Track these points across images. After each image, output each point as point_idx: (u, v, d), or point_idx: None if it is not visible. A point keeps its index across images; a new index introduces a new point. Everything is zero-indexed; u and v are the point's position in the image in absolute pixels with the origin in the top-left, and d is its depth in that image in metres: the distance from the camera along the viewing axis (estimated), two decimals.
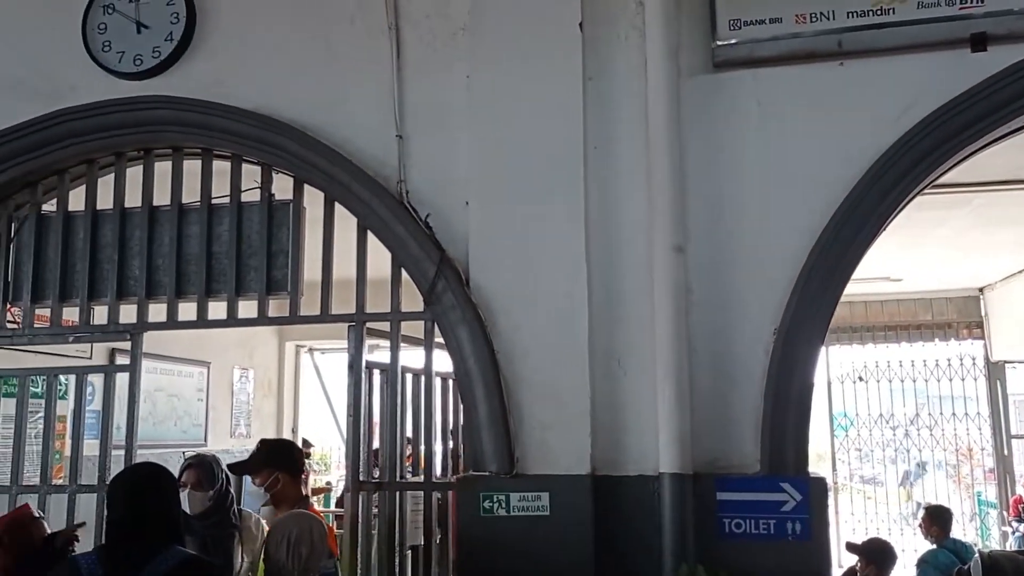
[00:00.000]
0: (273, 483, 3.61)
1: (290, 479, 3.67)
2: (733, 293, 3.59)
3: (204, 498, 3.71)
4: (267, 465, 3.68)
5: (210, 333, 8.50)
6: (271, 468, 3.66)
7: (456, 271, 3.74)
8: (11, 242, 4.36)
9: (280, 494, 3.59)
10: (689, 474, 3.41)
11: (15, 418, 4.31)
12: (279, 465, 3.67)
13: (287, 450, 3.81)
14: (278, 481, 3.62)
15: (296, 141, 3.95)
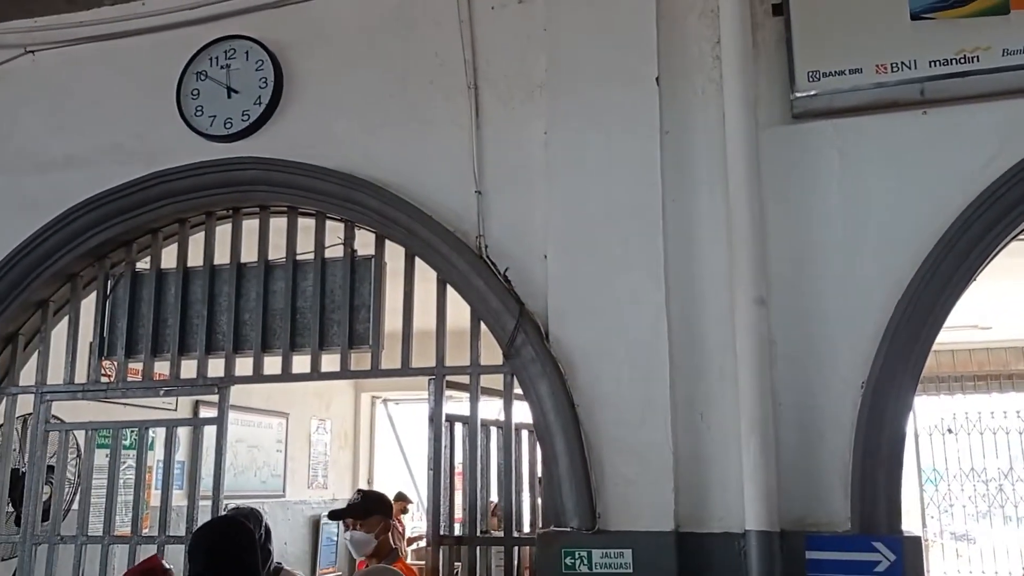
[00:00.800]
0: (383, 529, 3.68)
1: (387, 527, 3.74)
2: (818, 345, 3.52)
3: None
4: (373, 512, 3.74)
5: (289, 385, 8.70)
6: (378, 515, 3.73)
7: (535, 324, 3.76)
8: (107, 299, 4.54)
9: (382, 543, 3.64)
10: (776, 531, 3.33)
11: (108, 469, 4.44)
12: (383, 512, 3.74)
13: (387, 500, 3.87)
14: (388, 527, 3.69)
15: (377, 198, 4.05)
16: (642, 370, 3.60)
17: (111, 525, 4.40)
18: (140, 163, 4.41)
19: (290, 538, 9.22)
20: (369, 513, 3.76)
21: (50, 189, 4.50)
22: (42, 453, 4.50)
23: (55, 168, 4.55)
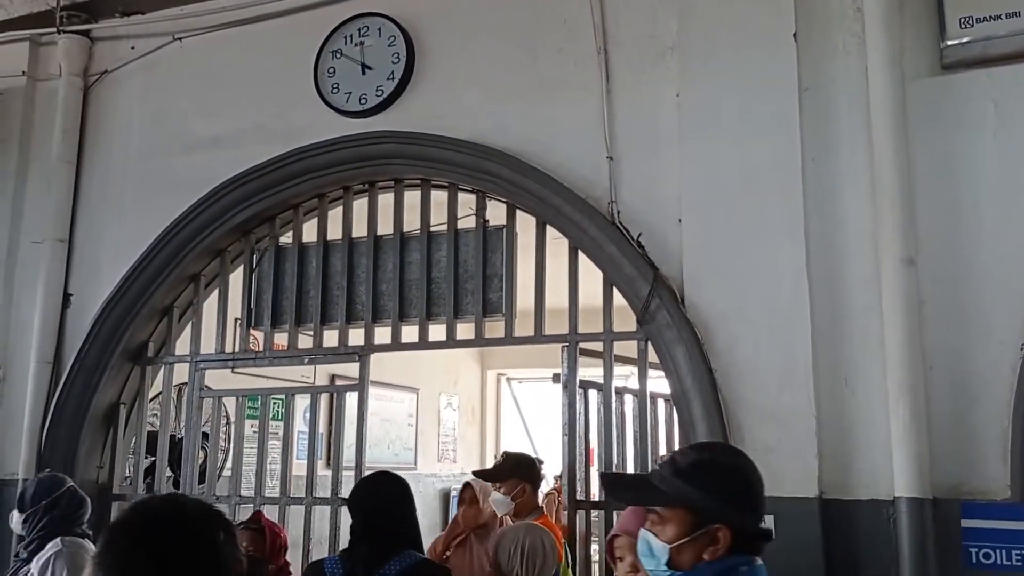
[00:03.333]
0: (520, 492, 3.75)
1: (531, 490, 3.80)
2: (972, 306, 3.36)
3: None
4: (513, 475, 3.81)
5: (419, 361, 8.92)
6: (517, 479, 3.79)
7: (670, 289, 3.73)
8: (253, 272, 4.75)
9: (522, 504, 3.71)
10: (929, 498, 3.21)
11: (258, 435, 4.67)
12: (524, 476, 3.80)
13: (530, 463, 3.92)
14: (524, 491, 3.76)
15: (509, 167, 4.08)
16: (782, 334, 3.52)
17: (262, 487, 4.62)
18: (280, 141, 4.58)
19: (421, 510, 9.42)
20: (509, 476, 3.82)
21: (198, 169, 4.73)
22: (197, 419, 4.76)
23: (202, 149, 4.79)
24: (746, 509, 1.72)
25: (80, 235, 4.98)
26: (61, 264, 4.91)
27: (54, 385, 4.78)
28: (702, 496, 1.69)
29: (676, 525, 1.69)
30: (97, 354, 4.75)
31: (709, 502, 1.68)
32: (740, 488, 1.72)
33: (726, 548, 1.67)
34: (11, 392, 4.88)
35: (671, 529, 1.70)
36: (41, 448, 4.69)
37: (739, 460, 1.84)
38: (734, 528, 1.68)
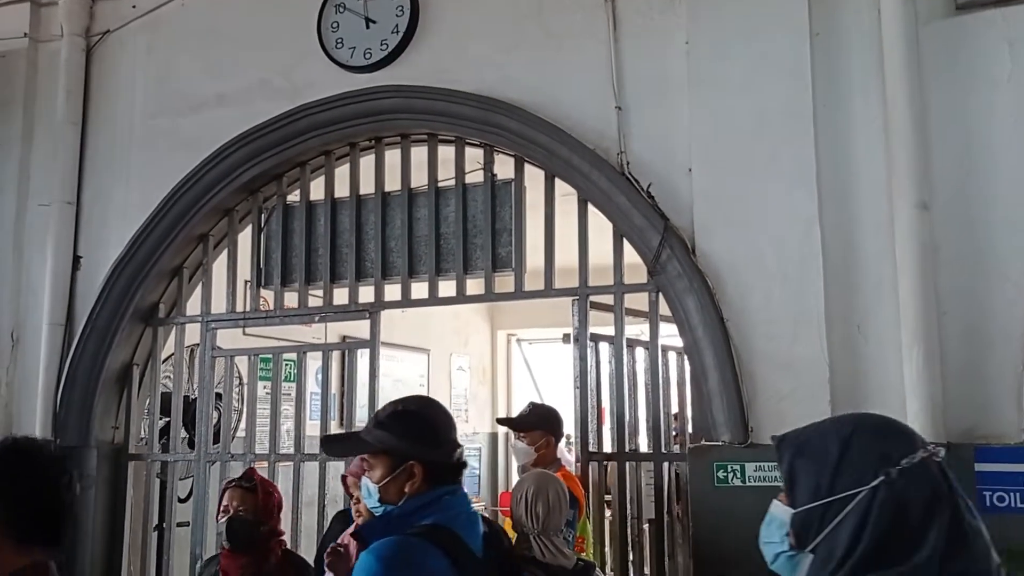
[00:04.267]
0: (544, 444, 3.76)
1: (554, 443, 3.81)
2: (986, 251, 3.33)
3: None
4: (537, 426, 3.82)
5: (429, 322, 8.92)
6: (541, 430, 3.80)
7: (681, 239, 3.70)
8: (261, 231, 4.74)
9: (542, 456, 3.71)
10: (943, 443, 3.20)
11: (270, 396, 4.70)
12: (547, 428, 3.80)
13: (555, 416, 3.93)
14: (548, 443, 3.77)
15: (516, 119, 4.04)
16: (794, 283, 3.50)
17: (276, 444, 4.65)
18: (286, 98, 4.54)
19: None
20: (533, 426, 3.83)
21: (205, 127, 4.70)
22: (210, 378, 4.77)
23: (208, 107, 4.75)
24: (434, 447, 1.99)
25: (87, 197, 4.96)
26: (69, 226, 4.91)
27: (67, 347, 4.80)
28: (395, 440, 1.98)
29: (380, 467, 2.00)
30: (109, 316, 4.75)
31: (401, 444, 1.97)
32: (426, 430, 2.00)
33: (422, 480, 1.96)
34: (25, 355, 4.91)
35: (378, 471, 2.00)
36: (56, 409, 4.72)
37: (426, 407, 2.11)
38: (426, 463, 1.96)
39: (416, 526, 1.89)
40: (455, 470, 2.01)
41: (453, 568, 1.84)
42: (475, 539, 1.96)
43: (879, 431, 1.44)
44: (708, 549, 3.51)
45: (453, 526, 1.91)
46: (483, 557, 1.94)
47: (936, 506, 1.33)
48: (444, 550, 1.85)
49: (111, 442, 4.82)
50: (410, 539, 1.86)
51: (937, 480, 1.36)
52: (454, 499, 1.97)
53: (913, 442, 1.41)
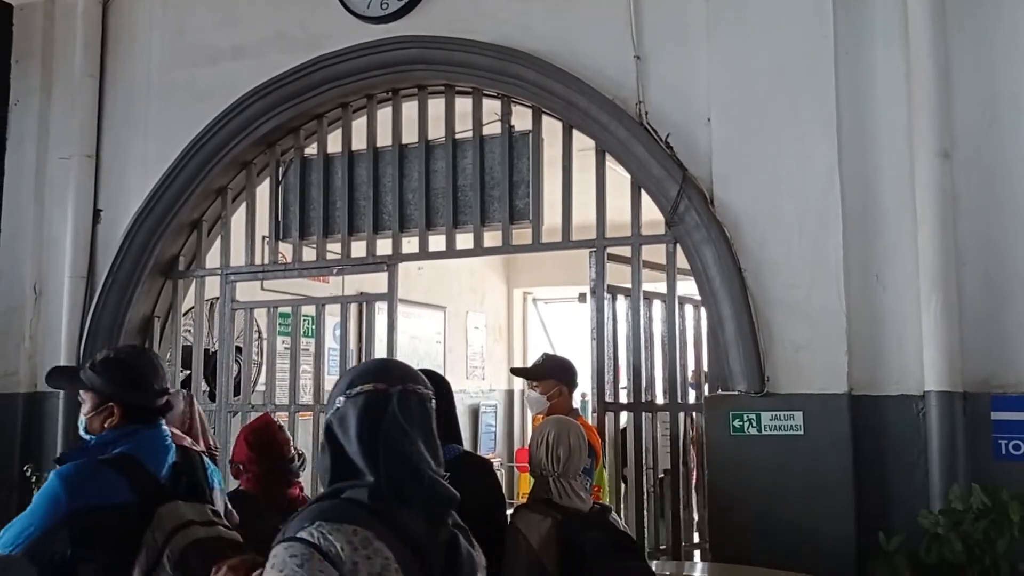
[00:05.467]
0: (556, 394, 3.77)
1: (567, 393, 3.82)
2: (1006, 200, 3.31)
3: None
4: (550, 376, 3.83)
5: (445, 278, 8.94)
6: (554, 379, 3.81)
7: (699, 190, 3.69)
8: (279, 184, 4.75)
9: (558, 404, 3.73)
10: (959, 392, 3.21)
11: (290, 350, 4.74)
12: (560, 378, 3.82)
13: (568, 366, 3.93)
14: (560, 392, 3.78)
15: (534, 69, 4.02)
16: (813, 232, 3.49)
17: (295, 395, 4.71)
18: (303, 50, 4.53)
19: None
20: (545, 376, 3.84)
21: (221, 80, 4.70)
22: (230, 330, 4.82)
23: (225, 60, 4.75)
24: (134, 391, 2.28)
25: (107, 150, 4.99)
26: (89, 180, 4.94)
27: (88, 300, 4.85)
28: (100, 382, 2.28)
29: (88, 403, 2.31)
30: (129, 268, 4.80)
31: (105, 386, 2.28)
32: (129, 376, 2.29)
33: (120, 418, 2.27)
34: (47, 307, 4.97)
35: (86, 406, 2.31)
36: (80, 361, 4.78)
37: (135, 357, 2.40)
38: (124, 404, 2.27)
39: (107, 454, 2.21)
40: (154, 413, 2.32)
41: (131, 490, 2.15)
42: (159, 466, 2.26)
43: (359, 367, 1.64)
44: (724, 497, 3.55)
45: (138, 455, 2.22)
46: (168, 483, 2.25)
47: (376, 429, 1.51)
48: (123, 473, 2.17)
49: None
50: (92, 463, 2.19)
51: (381, 409, 1.52)
52: (147, 433, 2.28)
53: (376, 378, 1.56)
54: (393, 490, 1.49)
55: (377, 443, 1.51)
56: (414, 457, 1.52)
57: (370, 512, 1.47)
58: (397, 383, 1.56)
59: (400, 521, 1.48)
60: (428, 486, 1.51)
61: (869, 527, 3.15)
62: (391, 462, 1.50)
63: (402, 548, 1.45)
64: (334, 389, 1.59)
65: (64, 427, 4.72)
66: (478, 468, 2.74)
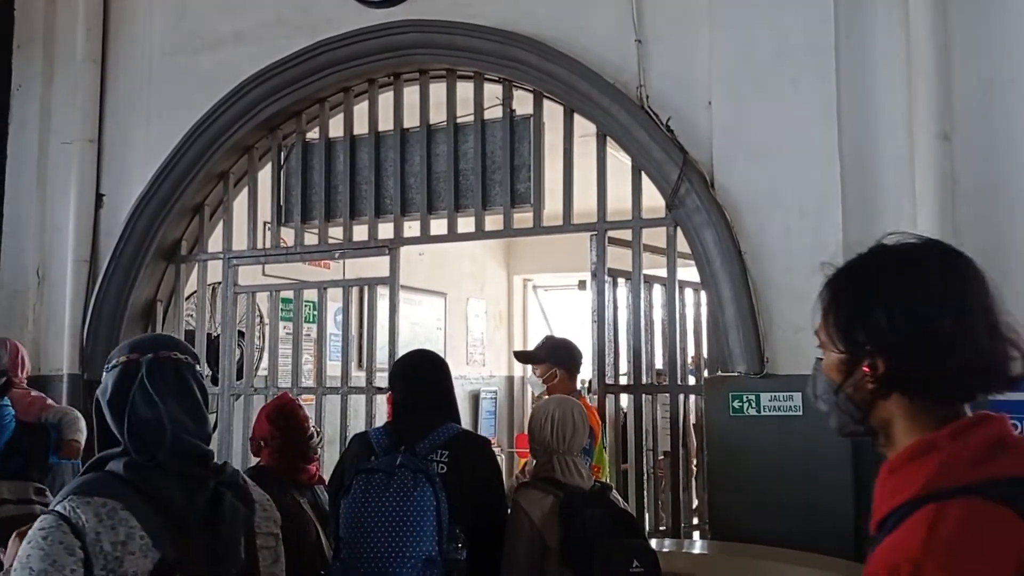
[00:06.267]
0: (551, 376, 3.79)
1: (567, 376, 3.84)
2: (1007, 183, 3.33)
3: None
4: (546, 359, 3.86)
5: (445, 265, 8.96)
6: (550, 362, 3.84)
7: (700, 173, 3.71)
8: (281, 168, 4.77)
9: (555, 387, 3.75)
10: None
11: (292, 336, 4.76)
12: (559, 361, 3.84)
13: (568, 349, 3.95)
14: (555, 376, 3.80)
15: (535, 53, 4.03)
16: (813, 215, 3.51)
17: (298, 378, 4.73)
18: (305, 35, 4.54)
19: None
20: (543, 360, 3.87)
21: (222, 65, 4.71)
22: (233, 314, 4.85)
23: (226, 45, 4.76)
24: None
25: (109, 135, 5.01)
26: (92, 164, 4.96)
27: (92, 284, 4.88)
28: None
29: None
30: (132, 253, 4.82)
31: None
32: None
33: None
34: (51, 291, 4.99)
35: None
36: (83, 345, 4.81)
37: None
38: None
39: None
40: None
41: None
42: None
43: (122, 344, 1.73)
44: (723, 477, 3.58)
45: None
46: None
47: (126, 397, 1.61)
48: None
49: None
50: None
51: (131, 377, 1.63)
52: None
53: (130, 350, 1.67)
54: (145, 456, 1.58)
55: (125, 410, 1.61)
56: (159, 419, 1.60)
57: (124, 483, 1.55)
58: (148, 351, 1.66)
59: (154, 489, 1.56)
60: (170, 444, 1.59)
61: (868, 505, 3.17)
62: (139, 427, 1.60)
63: (152, 516, 1.53)
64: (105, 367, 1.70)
65: None
66: (476, 444, 2.76)
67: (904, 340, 1.14)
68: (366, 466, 2.59)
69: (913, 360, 1.14)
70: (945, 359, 1.13)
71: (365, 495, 2.53)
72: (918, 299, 1.15)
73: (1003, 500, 1.03)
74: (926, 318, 1.14)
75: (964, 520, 1.02)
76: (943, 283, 1.17)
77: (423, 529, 2.48)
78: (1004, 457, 1.07)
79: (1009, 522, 1.01)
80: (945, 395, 1.16)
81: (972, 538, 1.01)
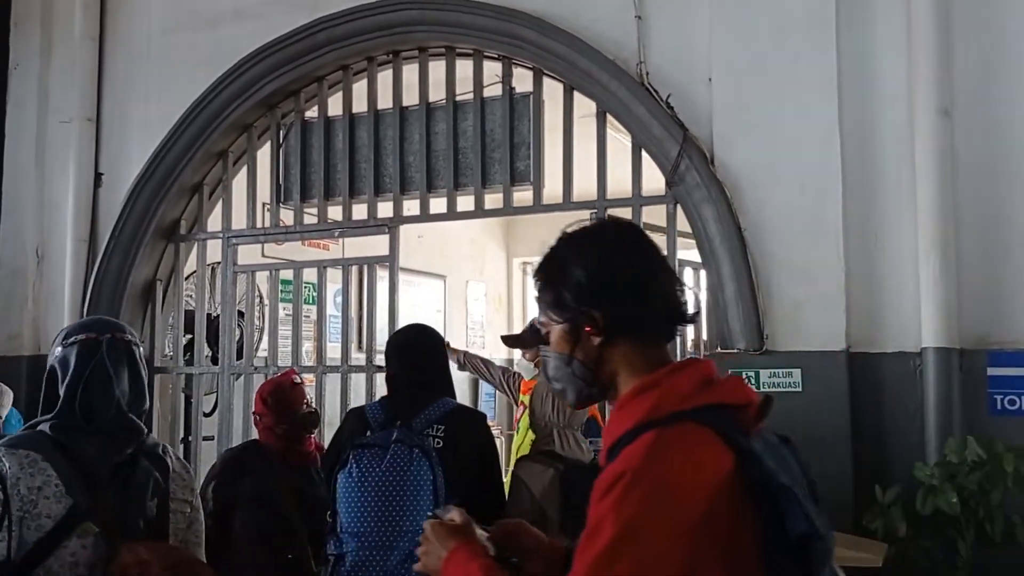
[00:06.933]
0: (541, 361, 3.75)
1: None
2: (1007, 158, 3.33)
3: None
4: (535, 344, 3.82)
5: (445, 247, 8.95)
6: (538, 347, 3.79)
7: (699, 150, 3.70)
8: (280, 147, 4.76)
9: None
10: (956, 349, 3.24)
11: (291, 317, 4.76)
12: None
13: None
14: None
15: (535, 29, 4.02)
16: (813, 191, 3.51)
17: (298, 356, 4.74)
18: (303, 12, 4.52)
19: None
20: (534, 343, 3.85)
21: (221, 42, 4.70)
22: (232, 293, 4.85)
23: (225, 22, 4.74)
24: None
25: (107, 113, 4.99)
26: (90, 143, 4.95)
27: (91, 263, 4.88)
28: None
29: None
30: (131, 232, 4.82)
31: None
32: None
33: None
34: (50, 270, 5.00)
35: None
36: None
37: None
38: None
39: None
40: None
41: None
42: None
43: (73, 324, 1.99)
44: None
45: None
46: None
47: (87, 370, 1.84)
48: None
49: None
50: None
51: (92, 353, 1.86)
52: None
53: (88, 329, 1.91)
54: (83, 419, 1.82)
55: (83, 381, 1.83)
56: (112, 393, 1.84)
57: (47, 439, 1.81)
58: (106, 332, 1.90)
59: (74, 445, 1.80)
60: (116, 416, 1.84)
61: (866, 481, 3.20)
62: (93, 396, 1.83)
63: (68, 468, 1.78)
64: (54, 342, 1.92)
65: None
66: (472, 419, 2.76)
67: (605, 288, 1.33)
68: (362, 441, 2.59)
69: (619, 303, 1.33)
70: (644, 300, 1.34)
71: (361, 470, 2.54)
72: (607, 255, 1.35)
73: (708, 423, 1.24)
74: (618, 267, 1.34)
75: (677, 439, 1.23)
76: (624, 242, 1.39)
77: (419, 503, 2.50)
78: (710, 390, 1.29)
79: (712, 441, 1.23)
80: (655, 335, 1.37)
81: (683, 453, 1.21)
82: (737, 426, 1.26)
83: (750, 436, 1.26)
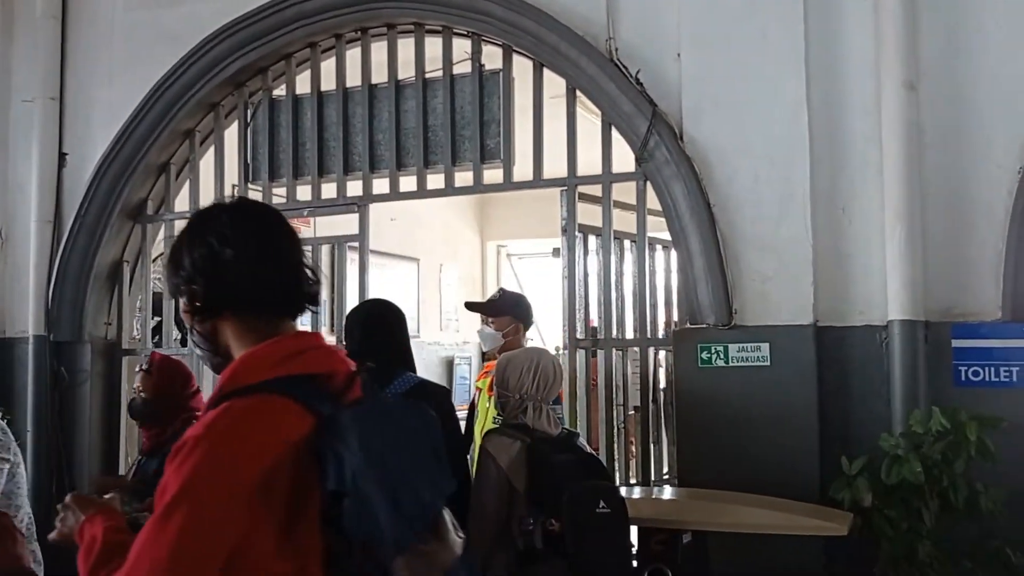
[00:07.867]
0: (513, 331, 3.71)
1: (523, 330, 3.78)
2: (972, 131, 3.35)
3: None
4: (507, 312, 3.76)
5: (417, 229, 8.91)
6: (510, 316, 3.75)
7: (669, 126, 3.70)
8: (248, 126, 4.70)
9: (511, 342, 3.68)
10: (921, 321, 3.28)
11: None
12: (516, 314, 3.76)
13: (527, 304, 3.89)
14: (518, 330, 3.73)
15: (503, 5, 3.99)
16: (781, 165, 3.52)
17: None
18: None
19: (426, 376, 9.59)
20: (503, 312, 3.80)
21: (187, 20, 4.63)
22: None
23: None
24: None
25: (70, 93, 4.91)
26: (54, 123, 4.87)
27: (56, 244, 4.81)
28: None
29: None
30: (97, 212, 4.75)
31: None
32: None
33: None
34: (14, 252, 4.93)
35: None
36: (48, 306, 4.75)
37: None
38: None
39: None
40: None
41: None
42: None
43: None
44: (692, 427, 3.61)
45: None
46: None
47: None
48: None
49: (104, 338, 4.87)
50: None
51: None
52: None
53: None
54: None
55: None
56: None
57: None
58: None
59: None
60: None
61: (833, 452, 3.22)
62: None
63: None
64: None
65: (35, 371, 4.70)
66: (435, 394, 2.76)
67: (202, 271, 1.42)
68: None
69: (221, 281, 1.41)
70: (249, 277, 1.41)
71: None
72: (207, 240, 1.43)
73: (290, 394, 1.30)
74: (213, 250, 1.42)
75: (243, 411, 1.29)
76: (232, 223, 1.45)
77: None
78: (294, 361, 1.36)
79: (289, 411, 1.29)
80: (269, 311, 1.43)
81: (242, 426, 1.28)
82: (323, 394, 1.33)
83: (340, 403, 1.33)
